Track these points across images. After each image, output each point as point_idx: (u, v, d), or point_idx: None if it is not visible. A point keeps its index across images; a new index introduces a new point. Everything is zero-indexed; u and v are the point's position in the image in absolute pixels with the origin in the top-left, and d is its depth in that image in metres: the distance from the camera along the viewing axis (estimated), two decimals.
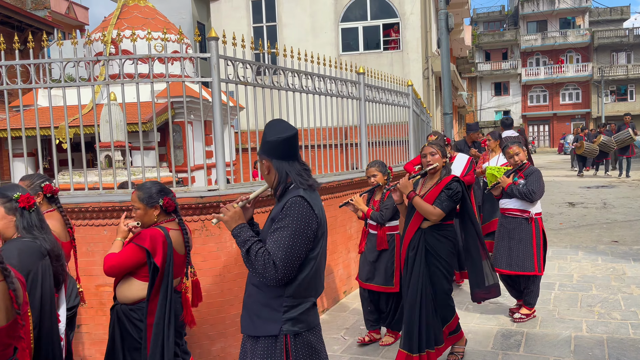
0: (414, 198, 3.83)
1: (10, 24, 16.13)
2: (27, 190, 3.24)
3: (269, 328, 2.33)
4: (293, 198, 2.32)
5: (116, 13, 12.15)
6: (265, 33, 17.01)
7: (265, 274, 2.25)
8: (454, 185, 3.81)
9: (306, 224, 2.29)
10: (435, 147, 3.87)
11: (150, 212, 3.15)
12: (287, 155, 2.43)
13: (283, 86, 5.35)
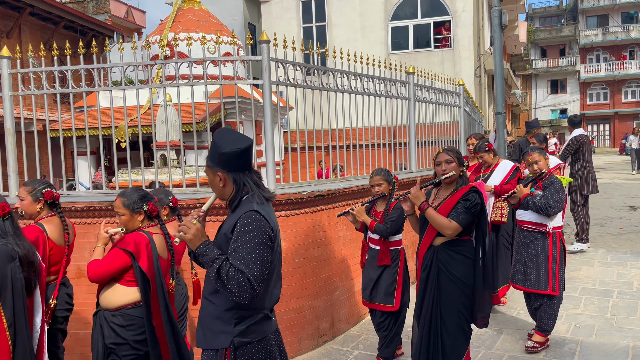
0: (426, 209, 3.40)
1: (74, 28, 17.00)
2: (30, 195, 3.55)
3: (220, 340, 2.31)
4: (247, 213, 2.26)
5: (172, 16, 12.57)
6: (314, 33, 17.13)
7: (241, 293, 2.18)
8: (472, 196, 3.37)
9: (266, 237, 2.26)
10: (452, 154, 3.46)
11: (135, 218, 3.18)
12: (244, 166, 2.37)
13: (332, 87, 5.39)
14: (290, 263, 4.55)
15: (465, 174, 3.51)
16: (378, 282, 4.15)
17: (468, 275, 3.40)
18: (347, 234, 5.24)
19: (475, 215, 3.38)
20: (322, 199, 4.79)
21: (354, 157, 6.12)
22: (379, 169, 4.29)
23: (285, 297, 4.50)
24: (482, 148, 5.48)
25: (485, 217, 3.49)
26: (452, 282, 3.39)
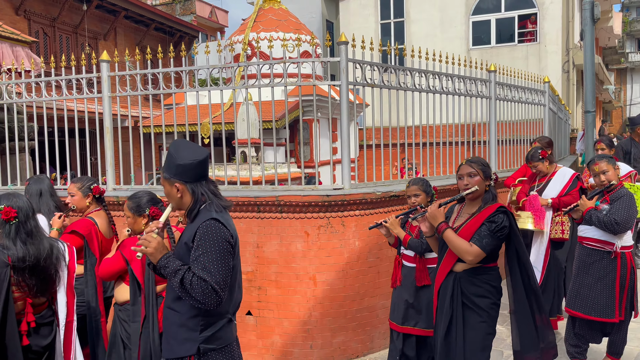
0: (445, 231, 2.96)
1: (163, 30, 18.00)
2: (79, 191, 3.79)
3: (186, 348, 2.34)
4: (206, 222, 2.31)
5: (253, 17, 12.98)
6: (392, 29, 16.96)
7: (206, 301, 2.24)
8: (499, 217, 2.92)
9: (226, 244, 2.30)
10: (476, 166, 3.02)
11: (138, 221, 3.31)
12: (201, 177, 2.41)
13: (409, 87, 5.36)
14: (364, 262, 4.60)
15: (492, 189, 3.06)
16: (417, 304, 3.70)
17: (494, 308, 3.02)
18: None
19: (502, 239, 2.95)
20: (397, 199, 4.79)
21: (430, 155, 6.03)
22: (416, 178, 3.94)
23: (358, 295, 4.56)
24: (535, 157, 4.86)
25: (518, 241, 3.02)
26: (478, 315, 2.98)
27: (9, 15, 12.32)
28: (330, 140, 9.08)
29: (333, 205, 4.50)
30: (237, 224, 4.67)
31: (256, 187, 4.88)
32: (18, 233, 2.82)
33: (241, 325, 4.70)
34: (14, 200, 2.87)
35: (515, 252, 3.04)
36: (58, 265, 2.99)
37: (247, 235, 4.66)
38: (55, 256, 2.95)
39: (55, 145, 5.40)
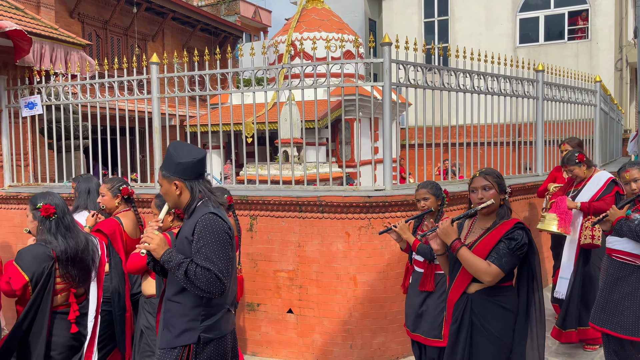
0: (459, 250, 2.72)
1: (208, 31, 18.39)
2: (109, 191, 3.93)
3: (188, 337, 2.45)
4: (205, 216, 2.42)
5: (296, 17, 13.10)
6: (436, 28, 16.74)
7: (211, 289, 2.36)
8: (517, 234, 2.70)
9: (225, 235, 2.43)
10: (491, 179, 2.80)
11: (165, 218, 3.37)
12: (199, 175, 2.53)
13: (453, 87, 5.30)
14: (405, 264, 4.59)
15: (507, 202, 2.85)
16: (423, 311, 3.62)
17: (507, 333, 2.77)
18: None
19: (520, 258, 2.74)
20: None
21: (474, 156, 5.93)
22: (426, 182, 3.76)
23: (399, 296, 4.55)
24: (572, 160, 4.62)
25: (535, 259, 2.80)
26: (489, 341, 2.76)
27: (64, 18, 12.88)
28: (372, 140, 9.05)
29: (374, 206, 4.51)
30: (279, 223, 4.75)
31: (298, 187, 4.94)
32: (58, 228, 3.07)
33: (282, 323, 4.78)
34: (50, 198, 3.11)
35: (529, 273, 2.80)
36: (94, 256, 3.24)
37: (289, 234, 4.73)
38: (90, 248, 3.20)
39: (108, 143, 5.64)
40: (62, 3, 12.87)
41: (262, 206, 4.81)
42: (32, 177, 6.17)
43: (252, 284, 4.88)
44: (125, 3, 14.41)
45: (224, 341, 2.54)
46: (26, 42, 5.47)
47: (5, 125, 6.07)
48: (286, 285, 4.76)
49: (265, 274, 4.83)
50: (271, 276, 4.81)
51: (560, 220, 4.58)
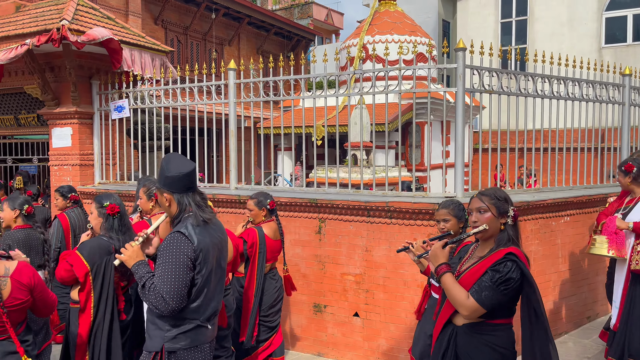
0: (442, 275, 2.46)
1: (282, 34, 18.83)
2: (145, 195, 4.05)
3: (154, 344, 2.57)
4: (171, 234, 2.51)
5: (368, 20, 13.12)
6: (513, 28, 16.14)
7: (158, 307, 2.47)
8: (505, 266, 2.35)
9: (182, 256, 2.46)
10: (487, 200, 2.47)
11: (259, 214, 4.06)
12: (187, 188, 2.59)
13: (531, 93, 5.12)
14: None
15: (509, 228, 2.46)
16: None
17: None
18: (539, 249, 4.95)
19: (506, 294, 2.35)
20: None
21: (552, 162, 5.68)
22: (448, 201, 3.44)
23: None
24: (620, 167, 4.23)
25: (533, 294, 2.40)
26: None
27: (149, 25, 13.68)
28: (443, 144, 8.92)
29: None
30: (347, 227, 4.81)
31: (366, 191, 4.97)
32: (120, 226, 3.41)
33: (348, 326, 4.83)
34: (113, 198, 3.43)
35: (528, 310, 2.42)
36: None
37: (356, 238, 4.78)
38: None
39: (187, 143, 5.95)
40: (148, 11, 13.67)
41: (331, 210, 4.88)
42: (119, 175, 6.63)
43: (320, 286, 4.97)
44: (204, 9, 15.07)
45: (200, 349, 2.60)
46: (118, 50, 5.89)
47: (97, 127, 6.56)
48: (353, 289, 4.81)
49: (332, 277, 4.90)
50: (338, 279, 4.88)
51: (610, 242, 4.23)
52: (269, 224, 4.20)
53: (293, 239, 5.10)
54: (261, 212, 4.18)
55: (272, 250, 4.21)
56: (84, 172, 6.50)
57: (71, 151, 6.47)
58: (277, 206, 5.14)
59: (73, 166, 6.46)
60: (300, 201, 4.99)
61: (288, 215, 5.11)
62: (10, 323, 2.65)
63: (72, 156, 6.46)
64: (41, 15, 6.32)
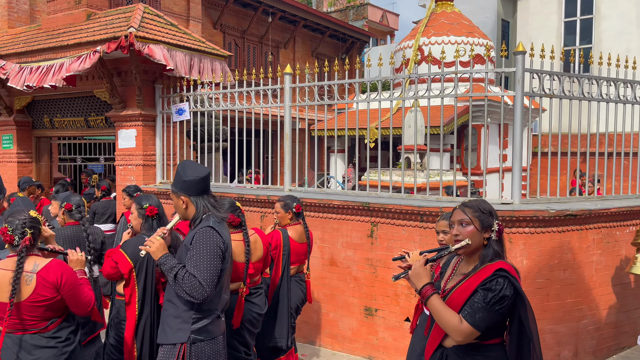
0: (429, 298, 2.26)
1: (336, 37, 18.91)
2: None
3: (179, 336, 2.73)
4: (203, 229, 2.72)
5: (424, 21, 12.97)
6: (578, 27, 15.47)
7: (193, 293, 2.62)
8: (497, 282, 2.18)
9: (216, 248, 2.69)
10: (470, 213, 2.29)
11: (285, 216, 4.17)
12: (203, 191, 2.83)
13: (595, 97, 4.92)
14: (531, 283, 4.38)
15: (493, 242, 2.28)
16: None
17: None
18: (602, 259, 4.75)
19: (502, 314, 2.18)
20: (574, 219, 4.45)
21: (617, 168, 5.42)
22: (448, 213, 3.07)
23: None
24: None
25: (527, 314, 2.21)
26: None
27: (208, 29, 14.12)
28: (501, 147, 8.68)
29: (500, 220, 4.35)
30: (400, 232, 4.80)
31: (420, 196, 4.94)
32: (158, 226, 3.54)
33: (399, 330, 4.82)
34: (152, 200, 3.59)
35: (520, 332, 2.22)
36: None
37: (409, 243, 4.76)
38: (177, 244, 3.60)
39: (244, 145, 6.12)
40: (208, 16, 14.12)
41: (383, 213, 4.89)
42: None
43: (371, 289, 4.98)
44: (261, 13, 15.39)
45: (215, 342, 2.80)
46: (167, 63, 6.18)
47: (159, 129, 6.86)
48: (405, 294, 4.79)
49: (383, 281, 4.90)
50: (390, 283, 4.87)
51: None
52: (294, 226, 4.24)
53: (345, 241, 5.15)
54: (287, 214, 4.21)
55: (297, 253, 4.25)
56: (147, 171, 6.81)
57: (135, 152, 6.79)
58: (330, 209, 5.21)
59: (137, 166, 6.79)
60: (352, 204, 5.03)
61: (340, 218, 5.16)
62: (37, 318, 2.74)
63: (136, 157, 6.78)
64: (110, 23, 6.68)
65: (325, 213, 5.27)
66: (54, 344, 2.85)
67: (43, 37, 7.28)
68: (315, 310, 5.34)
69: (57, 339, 2.87)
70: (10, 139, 8.25)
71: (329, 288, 5.26)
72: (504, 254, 2.32)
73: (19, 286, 2.70)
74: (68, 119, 7.71)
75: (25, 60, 6.91)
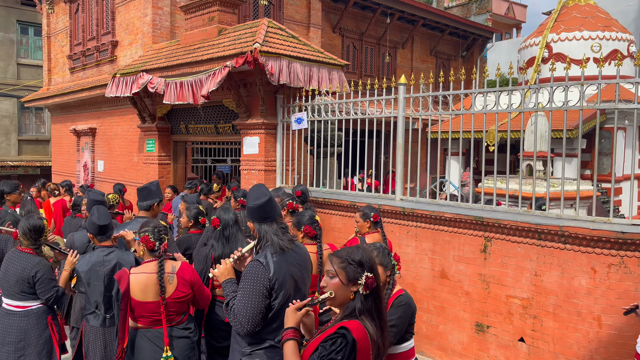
0: (284, 343, 2.16)
1: (457, 34, 18.35)
2: None
3: (234, 357, 2.93)
4: (252, 262, 2.76)
5: (554, 16, 12.13)
6: None
7: (235, 326, 2.75)
8: (333, 343, 2.03)
9: (258, 284, 2.69)
10: (338, 264, 2.13)
11: (364, 225, 4.32)
12: (264, 218, 2.84)
13: None
14: None
15: (358, 296, 2.10)
16: None
17: None
18: None
19: None
20: None
21: None
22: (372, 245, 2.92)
23: None
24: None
25: None
26: None
27: (327, 34, 14.52)
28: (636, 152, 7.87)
29: (629, 243, 4.03)
30: (515, 248, 4.64)
31: (538, 212, 4.70)
32: (220, 237, 3.85)
33: (512, 350, 4.67)
34: (221, 213, 3.86)
35: None
36: None
37: (524, 261, 4.58)
38: None
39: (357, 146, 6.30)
40: (327, 20, 14.52)
41: (498, 229, 4.75)
42: (296, 179, 7.28)
43: (483, 305, 4.88)
44: (380, 14, 15.45)
45: None
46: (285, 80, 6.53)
47: (280, 136, 7.29)
48: (519, 313, 4.63)
49: (496, 298, 4.78)
50: (503, 301, 4.73)
51: None
52: (372, 234, 4.43)
53: (456, 255, 5.09)
54: (365, 223, 4.43)
55: None
56: (268, 176, 7.28)
57: (258, 157, 7.29)
58: (441, 221, 5.18)
59: (259, 171, 7.28)
60: (465, 218, 4.95)
61: (452, 230, 5.11)
62: (177, 312, 3.27)
63: (259, 162, 7.28)
64: (238, 38, 7.22)
65: (437, 225, 5.25)
66: (187, 334, 3.35)
67: (181, 52, 8.07)
68: (425, 322, 5.35)
69: (189, 330, 3.37)
70: (153, 143, 9.28)
71: (439, 300, 5.24)
72: (378, 311, 2.14)
73: (165, 285, 3.18)
74: (201, 126, 8.48)
75: (166, 75, 7.73)
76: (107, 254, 3.71)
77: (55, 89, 13.36)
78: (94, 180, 11.97)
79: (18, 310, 3.81)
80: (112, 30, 10.92)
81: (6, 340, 3.80)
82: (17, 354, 3.78)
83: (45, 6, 13.97)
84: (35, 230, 3.85)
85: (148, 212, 4.47)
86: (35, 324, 3.81)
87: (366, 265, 2.14)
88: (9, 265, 3.82)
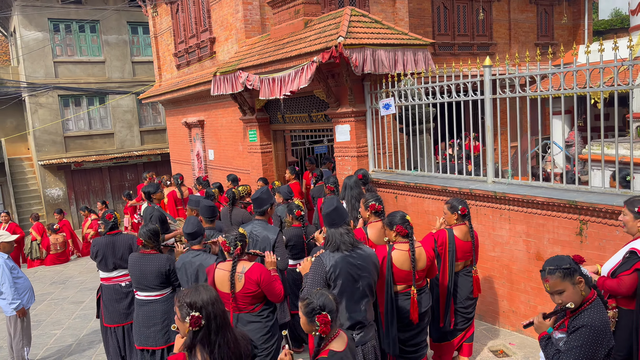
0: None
1: None
2: None
3: None
4: (314, 257, 3.59)
5: None
6: None
7: None
8: None
9: (317, 275, 3.49)
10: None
11: (451, 217, 4.55)
12: (332, 224, 3.60)
13: None
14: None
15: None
16: None
17: None
18: None
19: None
20: None
21: None
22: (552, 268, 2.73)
23: None
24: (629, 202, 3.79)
25: None
26: None
27: (415, 2, 14.16)
28: None
29: None
30: (612, 232, 4.56)
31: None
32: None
33: None
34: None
35: None
36: None
37: (622, 245, 4.46)
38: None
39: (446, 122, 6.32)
40: None
41: (593, 212, 4.67)
42: (389, 164, 7.50)
43: None
44: None
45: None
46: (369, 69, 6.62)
47: (369, 122, 7.51)
48: None
49: None
50: None
51: None
52: (460, 226, 4.60)
53: (551, 237, 5.07)
54: (453, 216, 4.61)
55: (463, 250, 4.62)
56: (360, 161, 7.58)
57: (350, 144, 7.60)
58: (533, 204, 5.16)
59: (352, 157, 7.61)
60: (558, 202, 4.90)
61: (545, 214, 5.08)
62: (247, 303, 3.83)
63: (351, 149, 7.59)
64: (323, 30, 7.47)
65: (530, 208, 5.24)
66: (259, 319, 3.95)
67: (272, 47, 8.51)
68: (523, 302, 5.44)
69: (261, 316, 3.96)
70: (254, 133, 9.96)
71: (535, 282, 5.28)
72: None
73: (234, 282, 3.80)
74: (296, 115, 8.95)
75: (260, 72, 8.24)
76: (194, 256, 4.47)
77: (166, 85, 14.62)
78: (206, 168, 13.09)
79: (158, 298, 4.73)
80: (209, 28, 11.66)
81: (151, 322, 4.71)
82: (163, 331, 4.71)
83: (150, 9, 15.16)
84: (154, 234, 4.73)
85: (263, 216, 4.95)
86: (172, 305, 4.64)
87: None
88: (144, 267, 4.67)
